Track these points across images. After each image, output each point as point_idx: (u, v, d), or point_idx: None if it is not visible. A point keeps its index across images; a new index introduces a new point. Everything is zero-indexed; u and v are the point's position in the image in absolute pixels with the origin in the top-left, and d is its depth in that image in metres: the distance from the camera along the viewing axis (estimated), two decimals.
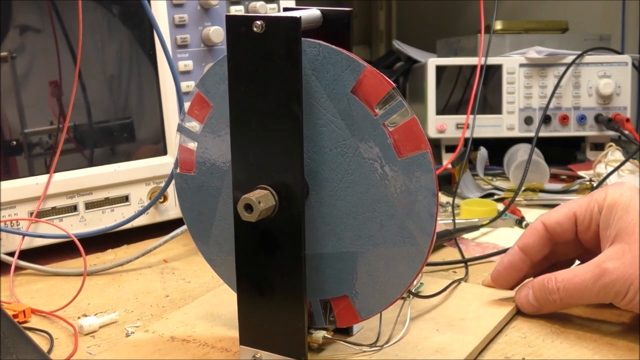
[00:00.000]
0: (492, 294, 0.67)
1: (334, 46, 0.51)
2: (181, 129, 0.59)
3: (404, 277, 0.53)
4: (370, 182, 0.52)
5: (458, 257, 0.80)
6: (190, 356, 0.57)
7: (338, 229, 0.54)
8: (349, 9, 0.55)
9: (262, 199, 0.51)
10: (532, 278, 0.65)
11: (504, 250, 0.79)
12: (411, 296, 0.63)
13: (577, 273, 0.60)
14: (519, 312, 0.64)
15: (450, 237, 0.84)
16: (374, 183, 0.52)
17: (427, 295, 0.65)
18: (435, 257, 0.80)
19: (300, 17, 0.49)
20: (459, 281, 0.69)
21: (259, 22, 0.50)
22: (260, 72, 0.51)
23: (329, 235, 0.54)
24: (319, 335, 0.56)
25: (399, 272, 0.53)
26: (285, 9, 0.56)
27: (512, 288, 0.67)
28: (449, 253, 0.82)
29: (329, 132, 0.52)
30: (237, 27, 0.51)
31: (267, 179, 0.52)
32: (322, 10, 0.55)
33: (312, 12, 0.55)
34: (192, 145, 0.58)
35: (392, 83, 0.50)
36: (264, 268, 0.53)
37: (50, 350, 0.60)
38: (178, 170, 0.60)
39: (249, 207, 0.50)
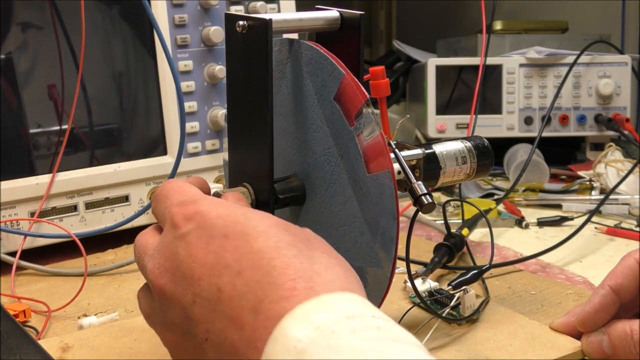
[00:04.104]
0: (537, 329, 0.60)
1: (323, 50, 0.50)
2: None
3: (373, 298, 0.50)
4: (347, 195, 0.50)
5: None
6: None
7: (326, 237, 0.52)
8: (361, 12, 0.53)
9: None
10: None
11: (523, 259, 0.78)
12: (438, 319, 0.59)
13: None
14: None
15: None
16: (350, 197, 0.50)
17: (453, 317, 0.61)
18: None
19: (270, 19, 0.49)
20: (486, 301, 0.64)
21: (241, 22, 0.50)
22: (244, 72, 0.51)
23: None
24: None
25: (369, 293, 0.50)
26: (318, 8, 0.55)
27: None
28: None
29: (319, 137, 0.52)
30: (229, 25, 0.51)
31: (248, 178, 0.52)
32: (339, 12, 0.54)
33: (328, 14, 0.54)
34: None
35: (366, 94, 0.48)
36: None
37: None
38: None
39: None
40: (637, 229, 0.90)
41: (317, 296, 0.38)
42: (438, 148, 0.57)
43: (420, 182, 0.50)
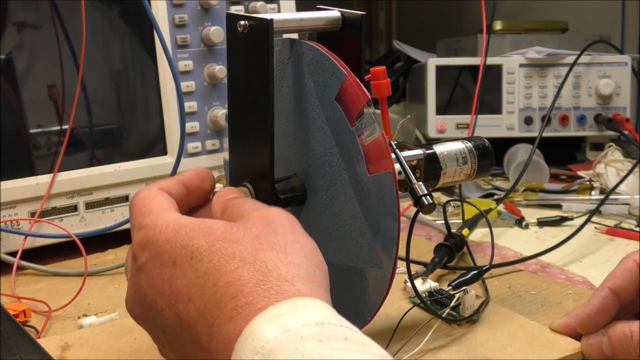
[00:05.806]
0: (536, 329, 0.60)
1: (324, 50, 0.50)
2: None
3: (373, 299, 0.51)
4: (348, 195, 0.50)
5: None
6: None
7: (326, 238, 0.52)
8: (362, 12, 0.53)
9: None
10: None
11: (523, 259, 0.78)
12: (438, 320, 0.59)
13: None
14: None
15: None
16: (350, 197, 0.50)
17: (453, 318, 0.60)
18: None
19: (272, 19, 0.48)
20: (486, 301, 0.64)
21: (242, 22, 0.49)
22: (245, 72, 0.51)
23: (321, 242, 0.53)
24: None
25: (370, 294, 0.51)
26: (319, 8, 0.55)
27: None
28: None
29: (320, 137, 0.51)
30: (230, 25, 0.51)
31: (249, 178, 0.52)
32: (341, 12, 0.54)
33: (329, 14, 0.54)
34: None
35: (368, 95, 0.48)
36: None
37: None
38: None
39: None
40: (637, 229, 0.90)
41: (284, 300, 0.38)
42: (439, 148, 0.57)
43: (420, 183, 0.50)
